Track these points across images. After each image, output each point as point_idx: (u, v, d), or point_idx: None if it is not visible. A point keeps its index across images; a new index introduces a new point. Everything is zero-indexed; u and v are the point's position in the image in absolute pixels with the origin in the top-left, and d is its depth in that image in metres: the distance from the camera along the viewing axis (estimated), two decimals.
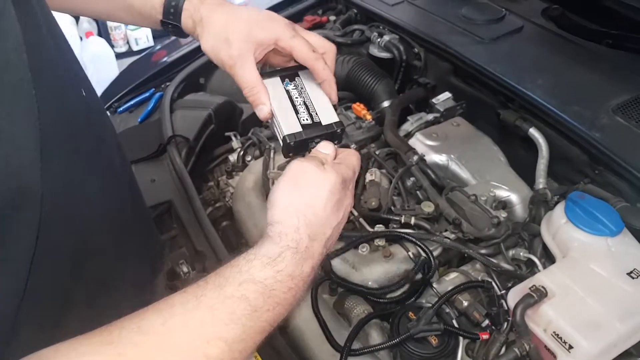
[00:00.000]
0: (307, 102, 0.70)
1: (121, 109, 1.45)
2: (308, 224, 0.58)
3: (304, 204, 0.58)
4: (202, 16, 0.71)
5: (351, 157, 0.67)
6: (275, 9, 1.63)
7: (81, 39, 3.49)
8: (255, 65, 0.69)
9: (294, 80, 0.72)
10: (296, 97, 0.70)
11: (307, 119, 0.67)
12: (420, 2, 1.54)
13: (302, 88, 0.71)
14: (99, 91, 1.61)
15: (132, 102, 1.45)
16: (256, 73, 0.69)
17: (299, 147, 0.67)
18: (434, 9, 1.49)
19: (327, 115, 0.69)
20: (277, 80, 0.71)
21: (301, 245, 0.56)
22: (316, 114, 0.68)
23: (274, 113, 0.68)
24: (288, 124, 0.67)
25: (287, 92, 0.70)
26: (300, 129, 0.66)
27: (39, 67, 0.49)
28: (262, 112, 0.68)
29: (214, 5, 0.72)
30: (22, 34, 0.45)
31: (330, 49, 0.73)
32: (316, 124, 0.67)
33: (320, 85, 0.71)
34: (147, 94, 1.46)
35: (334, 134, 0.68)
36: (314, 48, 0.70)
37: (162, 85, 1.50)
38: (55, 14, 0.62)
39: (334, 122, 0.68)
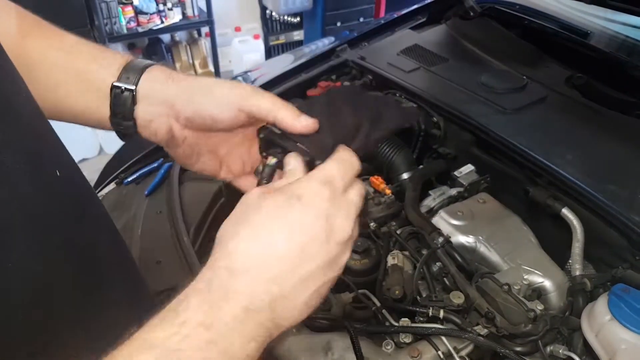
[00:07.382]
0: None
1: (128, 180, 1.39)
2: (235, 255, 0.46)
3: (243, 231, 0.47)
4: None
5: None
6: (288, 74, 1.59)
7: None
8: None
9: None
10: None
11: None
12: (437, 68, 1.50)
13: None
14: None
15: (139, 173, 1.40)
16: None
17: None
18: (451, 76, 1.45)
19: None
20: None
21: (213, 284, 0.44)
22: None
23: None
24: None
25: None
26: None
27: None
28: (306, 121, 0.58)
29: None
30: None
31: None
32: None
33: None
34: (155, 165, 1.40)
35: None
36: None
37: None
38: None
39: None
